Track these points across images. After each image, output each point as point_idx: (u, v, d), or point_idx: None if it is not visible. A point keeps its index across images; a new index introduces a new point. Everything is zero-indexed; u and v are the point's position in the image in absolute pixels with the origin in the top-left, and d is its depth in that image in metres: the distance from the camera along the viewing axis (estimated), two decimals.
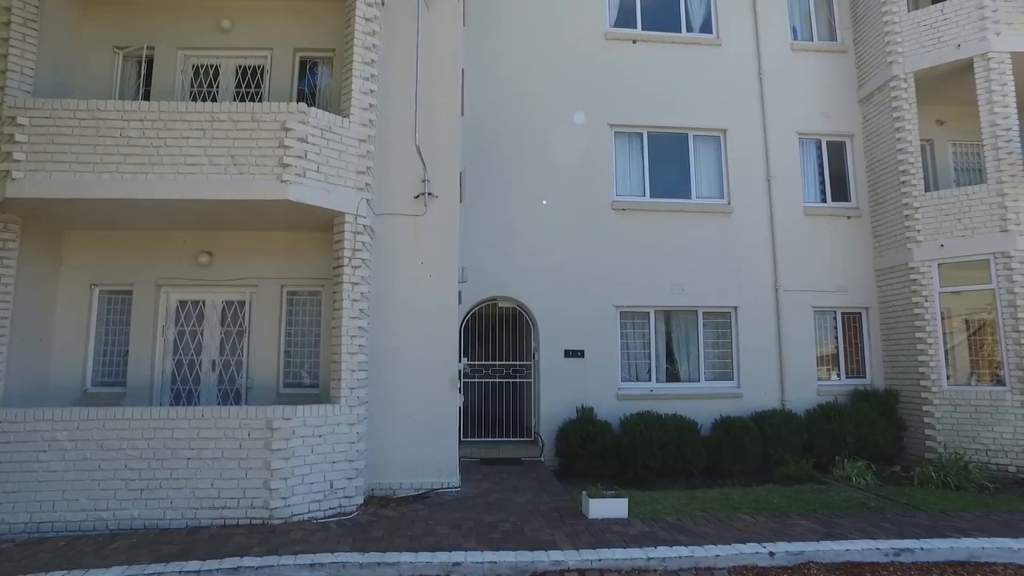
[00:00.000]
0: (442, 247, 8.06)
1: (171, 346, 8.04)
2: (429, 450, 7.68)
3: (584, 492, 6.83)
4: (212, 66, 8.66)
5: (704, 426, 9.58)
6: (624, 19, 11.40)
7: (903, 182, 10.37)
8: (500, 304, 10.46)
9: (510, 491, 7.76)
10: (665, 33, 11.37)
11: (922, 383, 9.89)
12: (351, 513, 6.71)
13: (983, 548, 5.75)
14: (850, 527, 6.33)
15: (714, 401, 10.20)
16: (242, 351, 8.11)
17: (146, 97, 8.26)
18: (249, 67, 8.70)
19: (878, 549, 5.66)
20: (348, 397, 6.98)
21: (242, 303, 8.22)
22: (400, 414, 7.65)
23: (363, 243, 7.34)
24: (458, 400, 8.14)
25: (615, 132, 10.95)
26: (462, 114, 9.02)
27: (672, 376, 10.61)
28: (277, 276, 8.15)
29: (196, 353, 8.09)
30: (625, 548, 5.53)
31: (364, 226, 7.36)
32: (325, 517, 6.56)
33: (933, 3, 10.84)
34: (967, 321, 10.15)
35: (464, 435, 10.10)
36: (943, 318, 10.01)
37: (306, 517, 6.47)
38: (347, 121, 7.36)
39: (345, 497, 6.80)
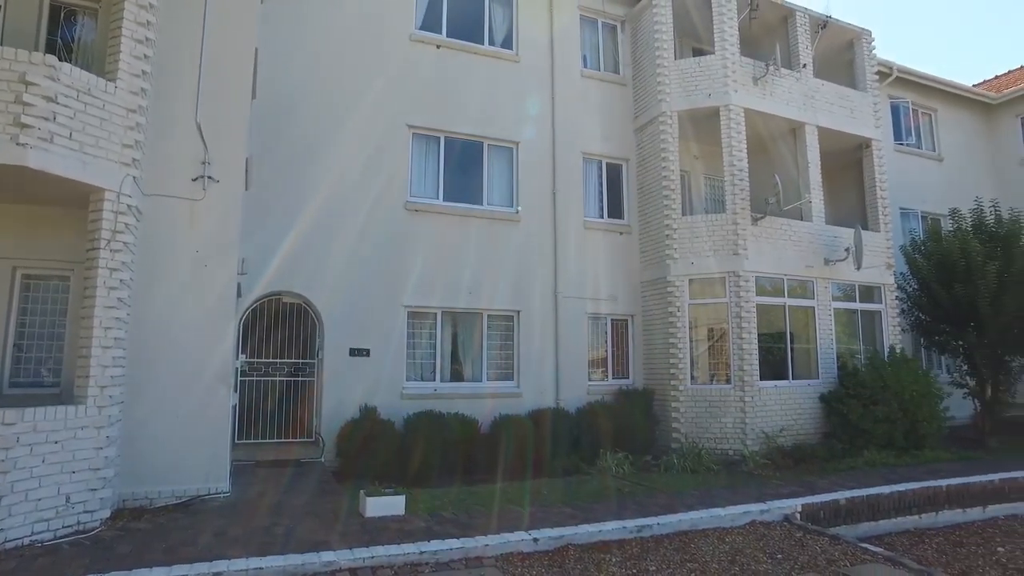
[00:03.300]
0: (221, 235, 7.44)
1: None
2: (196, 453, 7.03)
3: (362, 491, 6.79)
4: None
5: (485, 424, 9.97)
6: (431, 23, 11.49)
7: (665, 205, 11.84)
8: (284, 299, 9.95)
9: (286, 493, 7.44)
10: (469, 43, 11.68)
11: (672, 383, 11.36)
12: (93, 529, 5.90)
13: (701, 518, 6.93)
14: (605, 511, 7.10)
15: (496, 400, 10.61)
16: None
17: None
18: None
19: (624, 527, 6.46)
20: (98, 396, 6.13)
21: None
22: (164, 415, 6.90)
23: (126, 225, 6.51)
24: (232, 399, 7.59)
25: (413, 133, 10.97)
26: (254, 97, 8.46)
27: (457, 376, 10.91)
28: (9, 256, 7.00)
29: None
30: (399, 544, 5.62)
31: (129, 206, 6.53)
32: (56, 538, 5.65)
33: (694, 55, 12.55)
34: (710, 330, 11.87)
35: (240, 436, 9.45)
36: (692, 327, 11.62)
37: (28, 541, 5.47)
38: (112, 86, 6.47)
39: (86, 512, 5.95)
